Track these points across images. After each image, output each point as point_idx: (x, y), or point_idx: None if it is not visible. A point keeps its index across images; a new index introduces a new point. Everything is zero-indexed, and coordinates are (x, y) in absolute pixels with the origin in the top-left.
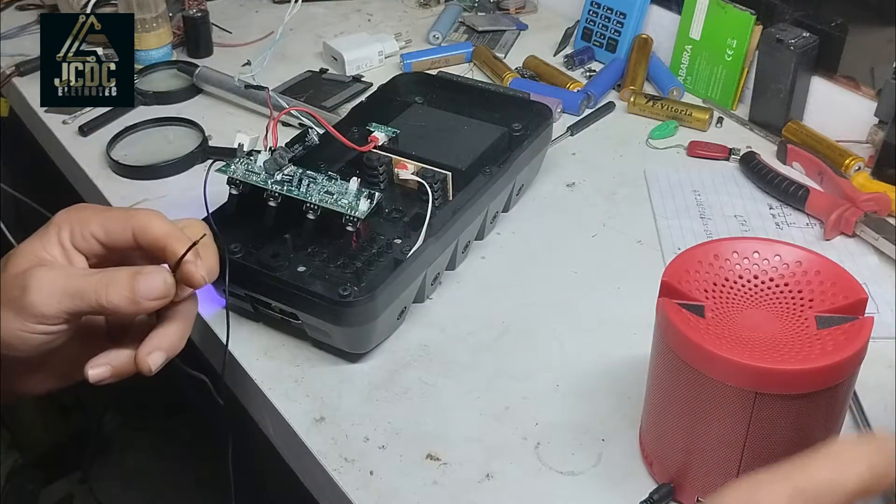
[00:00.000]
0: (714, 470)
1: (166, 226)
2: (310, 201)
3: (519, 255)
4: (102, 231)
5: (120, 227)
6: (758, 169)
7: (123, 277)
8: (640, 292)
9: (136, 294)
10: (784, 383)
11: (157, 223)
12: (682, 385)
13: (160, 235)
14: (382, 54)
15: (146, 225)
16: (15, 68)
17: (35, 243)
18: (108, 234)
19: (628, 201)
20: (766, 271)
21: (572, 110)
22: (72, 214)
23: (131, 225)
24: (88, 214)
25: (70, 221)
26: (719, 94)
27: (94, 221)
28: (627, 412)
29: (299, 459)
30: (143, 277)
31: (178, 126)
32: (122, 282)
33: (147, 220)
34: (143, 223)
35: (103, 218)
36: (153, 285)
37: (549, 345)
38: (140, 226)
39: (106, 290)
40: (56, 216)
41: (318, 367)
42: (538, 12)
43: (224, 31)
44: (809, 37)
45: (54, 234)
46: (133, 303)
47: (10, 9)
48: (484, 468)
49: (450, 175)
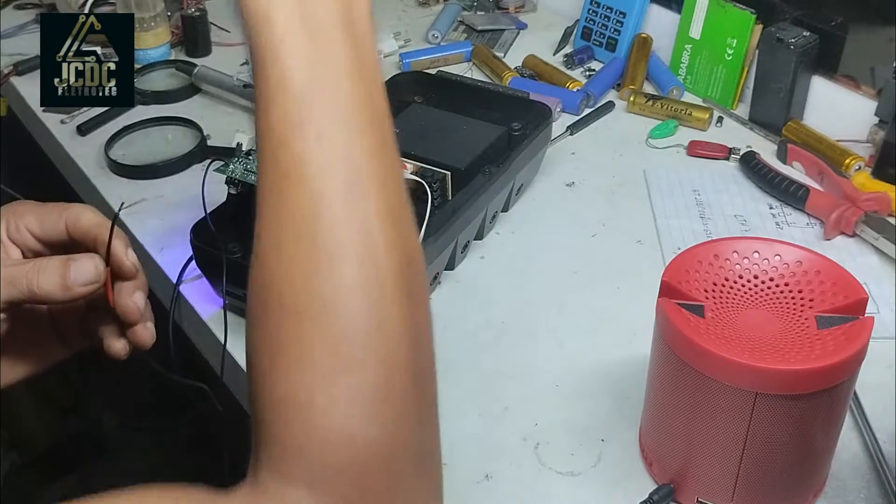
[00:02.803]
0: (714, 470)
1: (97, 217)
2: None
3: (518, 254)
4: (37, 224)
5: (53, 220)
6: (758, 168)
7: (54, 264)
8: (639, 292)
9: (67, 280)
10: (784, 383)
11: (88, 215)
12: (682, 385)
13: (90, 226)
14: (381, 53)
15: (77, 216)
16: (13, 67)
17: None
18: (42, 226)
19: (628, 201)
20: (767, 271)
21: (572, 110)
22: (9, 208)
23: (64, 217)
24: (25, 209)
25: (6, 215)
26: (719, 94)
27: (29, 215)
28: (627, 412)
29: None
30: (74, 263)
31: (177, 125)
32: (53, 268)
33: (79, 211)
34: (75, 214)
35: (38, 212)
36: (84, 270)
37: (549, 345)
38: (72, 217)
39: (38, 277)
40: None
41: None
42: (537, 11)
43: (222, 30)
44: (809, 36)
45: None
46: (65, 288)
47: (9, 8)
48: (483, 468)
49: (449, 174)
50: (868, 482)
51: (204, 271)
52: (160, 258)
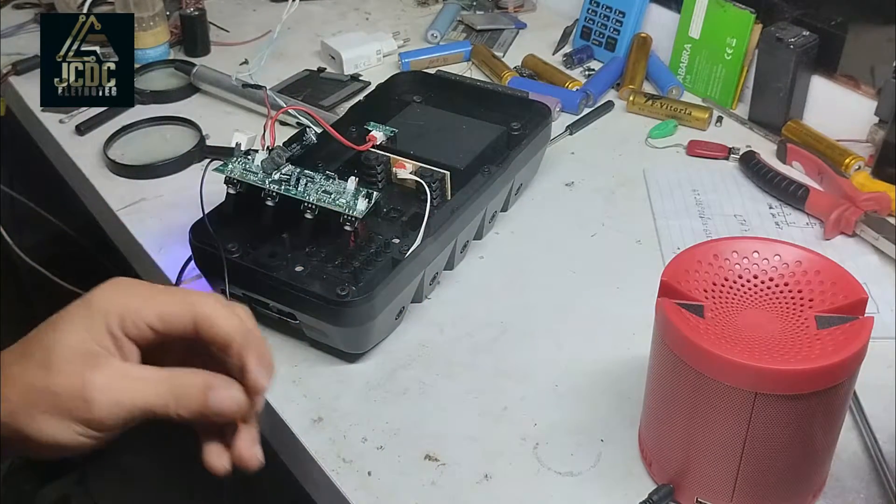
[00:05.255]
0: (714, 470)
1: (233, 322)
2: (307, 201)
3: (518, 254)
4: (159, 321)
5: (179, 317)
6: (757, 168)
7: (196, 392)
8: (639, 292)
9: (207, 410)
10: (784, 383)
11: (223, 319)
12: (682, 385)
13: (227, 334)
14: (380, 53)
15: (210, 318)
16: (12, 67)
17: (80, 333)
18: (166, 323)
19: (627, 201)
20: (766, 271)
21: (571, 109)
22: (120, 301)
23: (193, 315)
24: (139, 302)
25: (119, 309)
26: (719, 93)
27: (148, 309)
28: (627, 412)
29: (297, 460)
30: (216, 394)
31: (176, 125)
32: (194, 397)
33: (210, 310)
34: (207, 315)
35: (159, 305)
36: (225, 405)
37: (548, 345)
38: (204, 317)
39: (176, 405)
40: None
41: (316, 367)
42: (537, 11)
43: (221, 30)
44: (809, 35)
45: (102, 322)
46: (201, 417)
47: (7, 7)
48: (482, 469)
49: (448, 174)
50: (868, 482)
51: (203, 271)
52: (159, 258)
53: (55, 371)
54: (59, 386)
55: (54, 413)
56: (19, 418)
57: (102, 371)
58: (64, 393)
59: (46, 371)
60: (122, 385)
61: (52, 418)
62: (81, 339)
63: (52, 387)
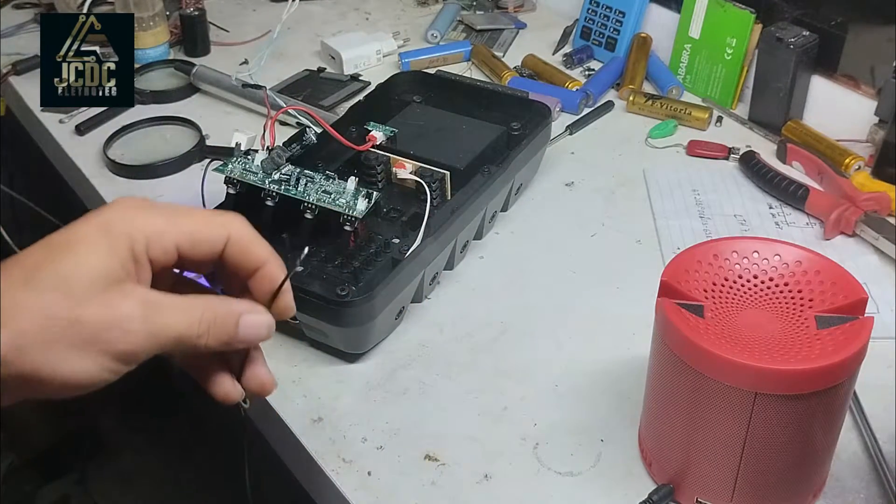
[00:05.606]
0: (714, 470)
1: (265, 243)
2: (307, 201)
3: (517, 254)
4: (189, 242)
5: (211, 238)
6: (757, 168)
7: (230, 321)
8: (639, 292)
9: (237, 338)
10: (784, 383)
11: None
12: (682, 385)
13: (262, 254)
14: (380, 53)
15: (246, 238)
16: (11, 67)
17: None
18: (196, 245)
19: (627, 201)
20: (766, 271)
21: (571, 109)
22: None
23: (227, 236)
24: (164, 223)
25: (146, 231)
26: (719, 93)
27: (177, 230)
28: (626, 412)
29: (297, 460)
30: (248, 319)
31: (175, 125)
32: (228, 326)
33: (246, 231)
34: (242, 235)
35: (188, 225)
36: (257, 331)
37: (548, 345)
38: (239, 237)
39: (208, 335)
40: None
41: (316, 367)
42: (537, 11)
43: (221, 30)
44: (809, 35)
45: (126, 246)
46: (228, 346)
47: (7, 7)
48: (482, 469)
49: (448, 174)
50: (868, 482)
51: None
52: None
53: (82, 299)
54: (90, 315)
55: (82, 346)
56: (33, 354)
57: (134, 298)
58: (96, 323)
59: (70, 299)
60: (157, 314)
61: (79, 352)
62: (106, 264)
63: (82, 317)
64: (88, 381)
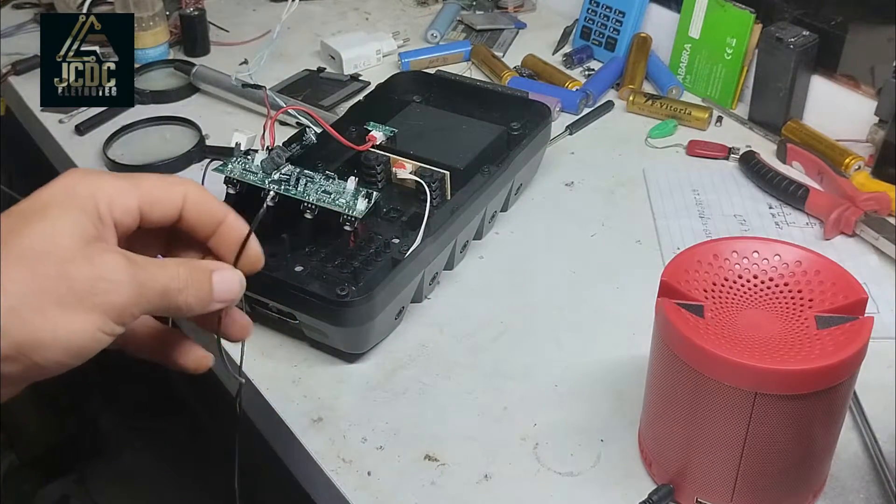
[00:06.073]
0: (714, 470)
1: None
2: (307, 201)
3: (517, 254)
4: (148, 203)
5: (168, 199)
6: (757, 168)
7: (204, 277)
8: (639, 292)
9: (213, 295)
10: (784, 383)
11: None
12: (682, 385)
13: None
14: (380, 53)
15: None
16: (11, 67)
17: (75, 217)
18: (153, 205)
19: (627, 201)
20: (766, 271)
21: (571, 109)
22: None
23: (183, 195)
24: (125, 185)
25: (108, 192)
26: (719, 93)
27: (136, 191)
28: (626, 412)
29: (297, 460)
30: (219, 276)
31: (175, 125)
32: (203, 282)
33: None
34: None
35: (145, 187)
36: (231, 286)
37: (548, 345)
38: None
39: (187, 290)
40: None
41: (316, 367)
42: (537, 11)
43: (221, 30)
44: (809, 35)
45: (93, 206)
46: (205, 305)
47: (7, 7)
48: (482, 469)
49: (448, 174)
50: (868, 482)
51: None
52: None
53: (65, 257)
54: (77, 270)
55: (76, 303)
56: (26, 315)
57: (115, 252)
58: (84, 278)
59: (55, 258)
60: (139, 267)
61: (74, 310)
62: (79, 222)
63: (70, 272)
64: (84, 342)
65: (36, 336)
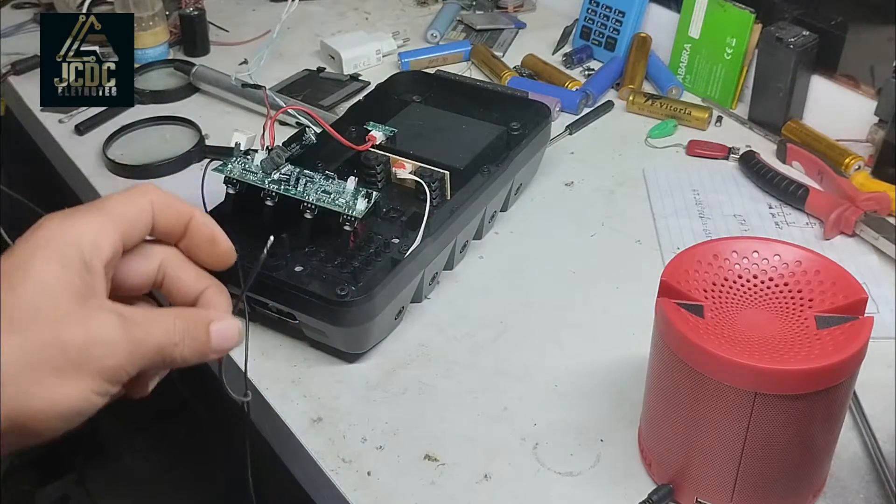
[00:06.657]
0: (714, 470)
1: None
2: (307, 201)
3: (517, 254)
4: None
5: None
6: (757, 168)
7: (202, 330)
8: (638, 292)
9: (210, 347)
10: (784, 383)
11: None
12: (682, 385)
13: (187, 207)
14: (380, 53)
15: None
16: (11, 67)
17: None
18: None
19: (627, 200)
20: (766, 271)
21: (571, 109)
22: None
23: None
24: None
25: (91, 235)
26: (718, 93)
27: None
28: (626, 412)
29: (296, 460)
30: (217, 326)
31: (175, 125)
32: (200, 334)
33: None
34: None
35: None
36: (229, 336)
37: (548, 345)
38: (159, 199)
39: (183, 343)
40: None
41: (316, 367)
42: (536, 11)
43: (221, 30)
44: (809, 35)
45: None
46: (202, 357)
47: (6, 7)
48: (482, 469)
49: (448, 174)
50: (868, 482)
51: None
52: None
53: (57, 321)
54: (71, 336)
55: (70, 370)
56: (22, 386)
57: (108, 311)
58: (79, 343)
59: (46, 324)
60: (133, 325)
61: (68, 377)
62: (64, 279)
63: (64, 339)
64: (80, 407)
65: (32, 406)
